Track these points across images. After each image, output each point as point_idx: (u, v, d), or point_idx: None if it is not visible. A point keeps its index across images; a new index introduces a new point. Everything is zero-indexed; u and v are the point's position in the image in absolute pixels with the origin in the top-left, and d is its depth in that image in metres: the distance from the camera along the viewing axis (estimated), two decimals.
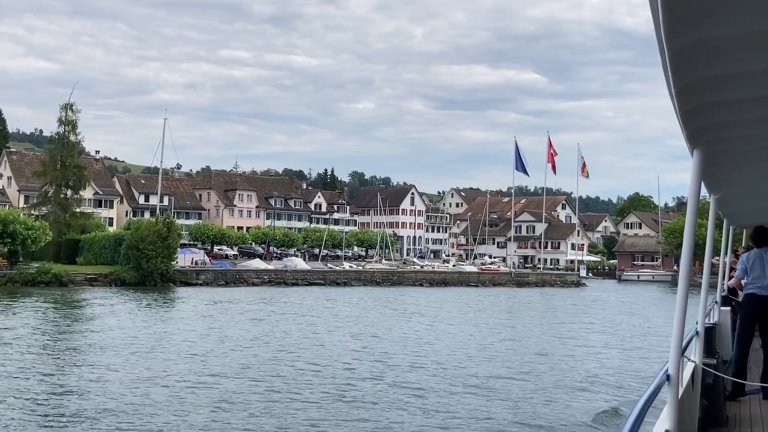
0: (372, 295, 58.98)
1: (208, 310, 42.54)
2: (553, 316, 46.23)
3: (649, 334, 36.80)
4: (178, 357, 24.18)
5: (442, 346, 28.97)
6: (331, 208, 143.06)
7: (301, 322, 36.56)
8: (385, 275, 73.38)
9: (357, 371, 22.19)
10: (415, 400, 18.19)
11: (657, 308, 57.44)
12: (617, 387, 20.89)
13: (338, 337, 31.11)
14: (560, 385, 20.80)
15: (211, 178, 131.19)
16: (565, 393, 19.75)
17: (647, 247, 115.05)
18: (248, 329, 32.81)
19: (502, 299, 59.88)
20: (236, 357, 24.51)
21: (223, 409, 16.76)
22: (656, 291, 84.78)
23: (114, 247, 64.22)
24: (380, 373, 22.03)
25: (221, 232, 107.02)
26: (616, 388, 20.77)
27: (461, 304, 53.11)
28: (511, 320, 41.92)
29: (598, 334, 35.79)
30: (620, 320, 44.53)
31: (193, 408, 16.85)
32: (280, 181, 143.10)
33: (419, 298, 57.67)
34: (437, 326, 36.77)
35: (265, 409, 16.83)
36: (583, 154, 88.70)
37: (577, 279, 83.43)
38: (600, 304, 59.35)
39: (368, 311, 44.55)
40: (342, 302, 50.67)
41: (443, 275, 76.50)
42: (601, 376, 22.49)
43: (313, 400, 17.95)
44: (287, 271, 69.17)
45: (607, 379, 22.19)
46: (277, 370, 22.08)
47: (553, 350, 28.96)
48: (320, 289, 63.75)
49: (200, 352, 25.30)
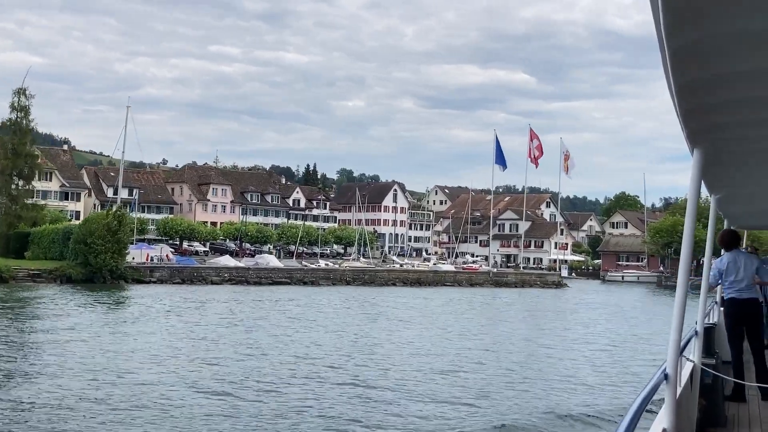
0: (339, 295, 55.12)
1: (139, 312, 38.53)
2: (529, 321, 42.49)
3: (633, 341, 33.16)
4: (91, 366, 20.24)
5: (388, 352, 25.15)
6: (310, 204, 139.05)
7: (221, 329, 32.65)
8: (356, 274, 69.48)
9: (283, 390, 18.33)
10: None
11: (641, 311, 53.82)
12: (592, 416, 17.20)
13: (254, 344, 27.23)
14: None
15: (184, 172, 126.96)
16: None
17: (632, 246, 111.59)
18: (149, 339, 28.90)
19: (475, 301, 56.10)
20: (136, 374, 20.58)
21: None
22: (641, 292, 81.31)
23: (63, 241, 60.04)
24: (307, 391, 18.20)
25: (191, 227, 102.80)
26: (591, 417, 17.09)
27: (432, 306, 49.30)
28: (479, 325, 38.09)
29: (577, 343, 32.05)
30: (601, 325, 40.84)
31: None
32: (257, 176, 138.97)
33: (387, 299, 53.83)
34: (394, 332, 32.91)
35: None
36: (573, 154, 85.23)
37: (558, 279, 79.77)
38: (581, 307, 55.72)
39: (323, 313, 40.64)
40: (297, 303, 46.77)
41: (418, 275, 72.69)
42: (573, 407, 18.71)
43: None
44: (250, 269, 65.17)
45: (580, 407, 18.41)
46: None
47: (526, 362, 25.18)
48: (284, 288, 59.81)
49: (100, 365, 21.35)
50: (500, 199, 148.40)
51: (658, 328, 41.13)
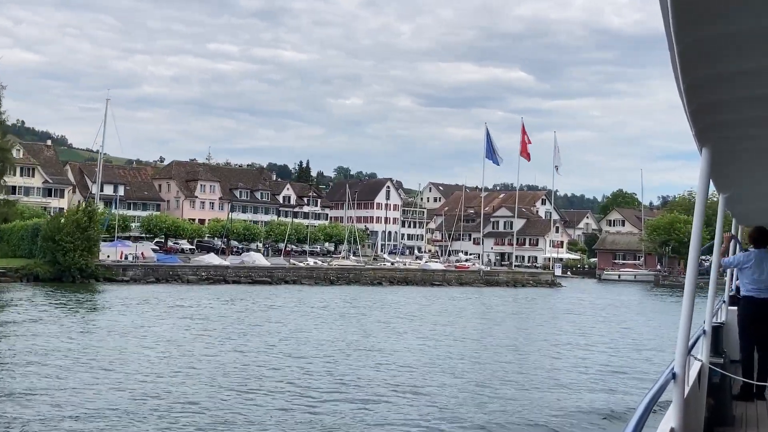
0: (319, 295, 52.44)
1: (97, 314, 35.83)
2: (521, 323, 39.82)
3: (632, 342, 30.61)
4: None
5: (360, 357, 22.46)
6: (301, 202, 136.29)
7: (183, 330, 29.95)
8: (341, 273, 66.75)
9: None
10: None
11: (639, 311, 51.23)
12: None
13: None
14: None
15: (172, 168, 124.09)
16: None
17: (629, 245, 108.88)
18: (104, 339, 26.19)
19: (463, 301, 53.43)
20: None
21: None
22: (638, 292, 78.72)
23: (32, 239, 57.30)
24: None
25: (175, 225, 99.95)
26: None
27: (412, 306, 46.63)
28: (467, 328, 35.38)
29: (573, 346, 29.43)
30: (597, 327, 38.22)
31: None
32: (247, 172, 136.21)
33: (368, 299, 51.15)
34: (360, 335, 30.22)
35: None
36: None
37: (551, 278, 77.02)
38: (576, 307, 53.09)
39: (295, 315, 37.94)
40: (271, 304, 44.09)
41: (405, 273, 69.95)
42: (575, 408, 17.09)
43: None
44: (229, 267, 62.43)
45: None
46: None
47: (520, 364, 22.55)
48: (263, 288, 57.11)
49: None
50: (494, 197, 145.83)
51: (657, 329, 38.61)
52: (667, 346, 32.32)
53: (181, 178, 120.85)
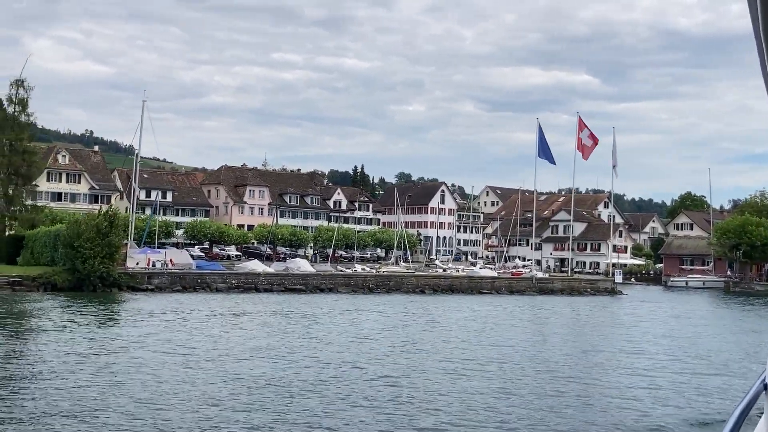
0: (347, 304, 48.39)
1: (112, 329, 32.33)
2: (566, 339, 35.00)
3: (707, 358, 25.72)
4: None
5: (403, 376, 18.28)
6: (351, 206, 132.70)
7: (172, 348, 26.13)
8: (380, 281, 62.51)
9: None
10: None
11: (707, 324, 45.66)
12: None
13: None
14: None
15: (221, 173, 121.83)
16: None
17: (697, 249, 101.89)
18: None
19: (508, 313, 48.64)
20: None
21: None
22: (707, 300, 72.53)
23: (54, 246, 54.65)
24: None
25: (220, 231, 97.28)
26: None
27: (452, 317, 42.16)
28: (517, 340, 30.80)
29: (642, 359, 24.71)
30: (655, 344, 33.18)
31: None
32: (297, 177, 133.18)
33: (402, 309, 46.85)
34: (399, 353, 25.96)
35: None
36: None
37: (611, 286, 71.33)
38: (634, 319, 47.85)
39: (315, 330, 33.88)
40: (289, 316, 40.17)
41: (451, 281, 65.31)
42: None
43: None
44: (261, 275, 58.82)
45: None
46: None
47: (592, 378, 18.08)
48: (291, 297, 53.30)
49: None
50: (554, 200, 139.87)
51: (730, 343, 33.52)
52: (743, 362, 27.33)
53: (230, 184, 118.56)
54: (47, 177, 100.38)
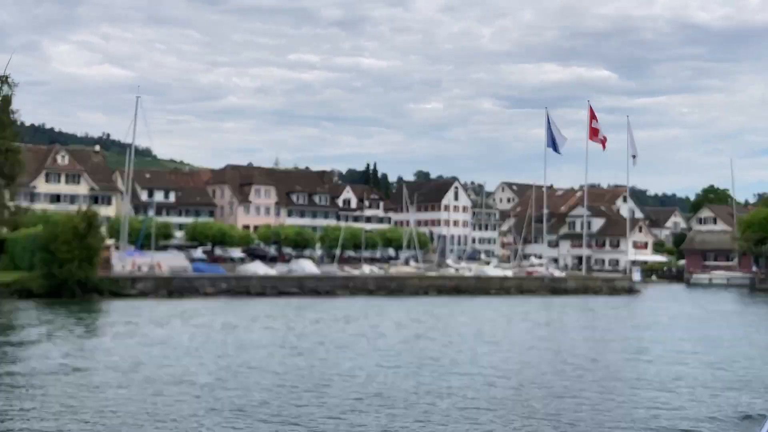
0: (341, 310, 44.85)
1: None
2: (576, 344, 31.20)
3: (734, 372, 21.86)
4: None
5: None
6: (362, 205, 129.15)
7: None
8: (381, 282, 58.92)
9: None
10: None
11: (729, 326, 41.61)
12: None
13: None
14: None
15: (226, 172, 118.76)
16: None
17: (721, 244, 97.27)
18: None
19: (508, 319, 44.82)
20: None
21: None
22: (731, 299, 68.24)
23: (33, 249, 51.56)
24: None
25: (222, 231, 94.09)
26: None
27: (453, 324, 38.46)
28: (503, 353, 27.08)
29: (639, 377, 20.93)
30: (675, 353, 29.30)
31: None
32: (306, 176, 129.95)
33: (397, 314, 43.23)
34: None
35: None
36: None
37: (629, 285, 67.20)
38: (652, 321, 43.92)
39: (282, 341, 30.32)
40: (264, 325, 36.67)
41: (457, 282, 61.57)
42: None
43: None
44: (253, 278, 55.46)
45: None
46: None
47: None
48: (284, 302, 49.81)
49: None
50: (571, 195, 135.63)
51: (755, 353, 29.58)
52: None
53: (235, 183, 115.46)
54: (45, 178, 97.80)
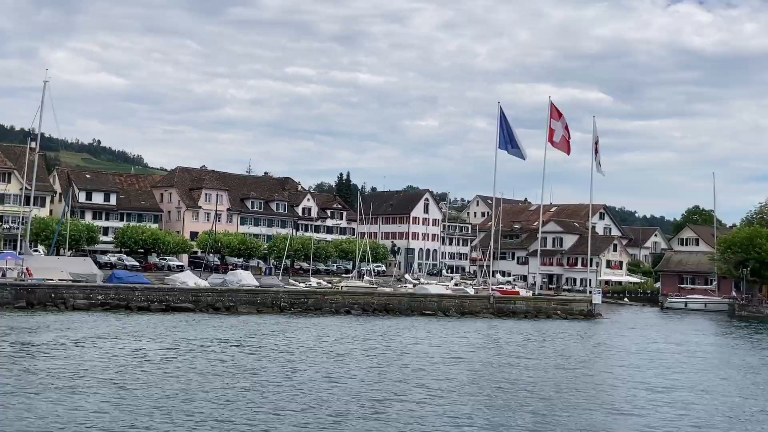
0: (223, 331, 36.88)
1: None
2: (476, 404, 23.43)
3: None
4: None
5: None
6: (323, 214, 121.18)
7: None
8: (296, 298, 50.82)
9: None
10: None
11: (705, 368, 33.77)
12: None
13: None
14: None
15: (175, 175, 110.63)
16: None
17: (699, 265, 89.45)
18: None
19: (428, 353, 36.88)
20: None
21: None
22: (707, 326, 60.50)
23: None
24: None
25: (154, 237, 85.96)
26: None
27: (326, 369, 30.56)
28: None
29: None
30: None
31: None
32: (264, 181, 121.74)
33: (284, 341, 35.31)
34: None
35: None
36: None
37: (587, 308, 59.17)
38: (602, 357, 36.09)
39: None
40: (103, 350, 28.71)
41: (386, 299, 53.54)
42: None
43: None
44: (137, 290, 47.20)
45: None
46: None
47: None
48: (164, 318, 41.82)
49: None
50: (545, 210, 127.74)
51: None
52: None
53: (185, 187, 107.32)
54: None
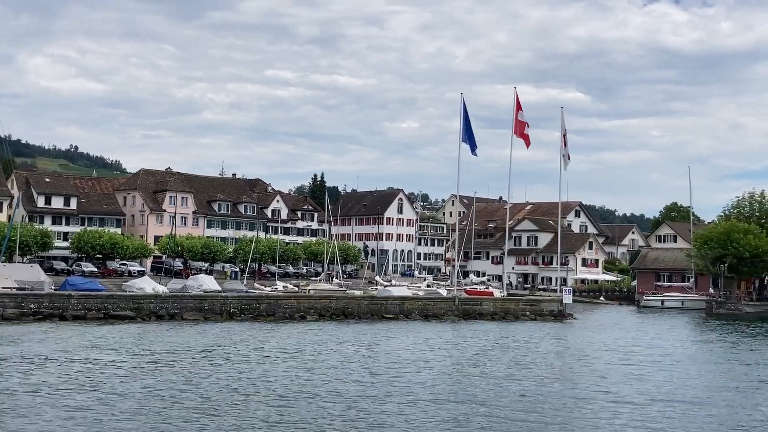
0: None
1: None
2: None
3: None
4: None
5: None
6: (294, 216, 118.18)
7: None
8: (247, 303, 47.78)
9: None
10: None
11: (689, 372, 31.19)
12: None
13: None
14: None
15: (138, 178, 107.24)
16: None
17: (676, 262, 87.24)
18: None
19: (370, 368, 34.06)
20: None
21: None
22: (684, 326, 58.21)
23: None
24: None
25: (112, 242, 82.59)
26: None
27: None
28: None
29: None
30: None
31: None
32: (231, 183, 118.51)
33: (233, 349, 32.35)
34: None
35: None
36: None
37: (557, 308, 56.51)
38: (567, 363, 33.43)
39: None
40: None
41: (344, 303, 50.62)
42: None
43: None
44: (73, 297, 44.00)
45: None
46: None
47: None
48: (106, 328, 38.75)
49: None
50: (521, 208, 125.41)
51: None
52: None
53: (148, 190, 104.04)
54: None
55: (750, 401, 24.51)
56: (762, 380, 29.59)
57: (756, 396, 25.74)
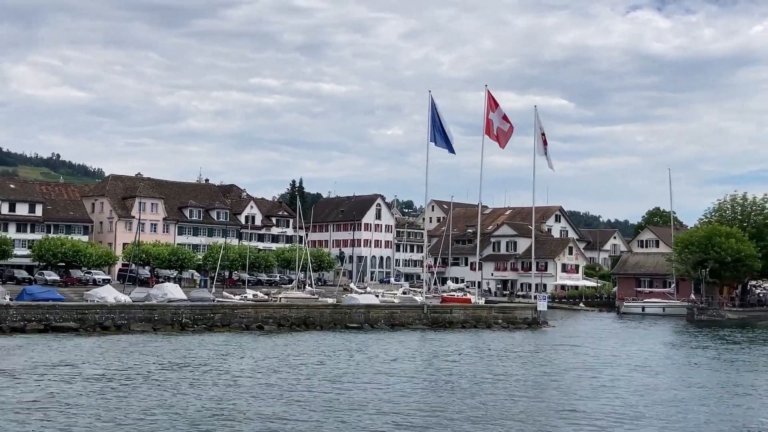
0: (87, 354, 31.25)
1: None
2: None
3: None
4: None
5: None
6: (268, 222, 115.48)
7: None
8: (201, 314, 45.07)
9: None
10: None
11: (672, 386, 28.80)
12: None
13: None
14: None
15: (107, 184, 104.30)
16: None
17: (657, 267, 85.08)
18: None
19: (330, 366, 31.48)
20: None
21: None
22: (664, 333, 55.99)
23: None
24: None
25: (75, 250, 79.59)
26: None
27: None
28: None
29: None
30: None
31: None
32: (203, 189, 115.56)
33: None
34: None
35: None
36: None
37: (532, 316, 54.08)
38: (536, 379, 30.98)
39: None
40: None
41: (306, 312, 47.97)
42: None
43: None
44: (11, 308, 41.13)
45: None
46: None
47: None
48: (35, 340, 35.99)
49: None
50: (500, 213, 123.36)
51: None
52: None
53: (117, 196, 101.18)
54: None
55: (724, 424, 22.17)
56: (737, 403, 27.24)
57: (733, 418, 23.40)
